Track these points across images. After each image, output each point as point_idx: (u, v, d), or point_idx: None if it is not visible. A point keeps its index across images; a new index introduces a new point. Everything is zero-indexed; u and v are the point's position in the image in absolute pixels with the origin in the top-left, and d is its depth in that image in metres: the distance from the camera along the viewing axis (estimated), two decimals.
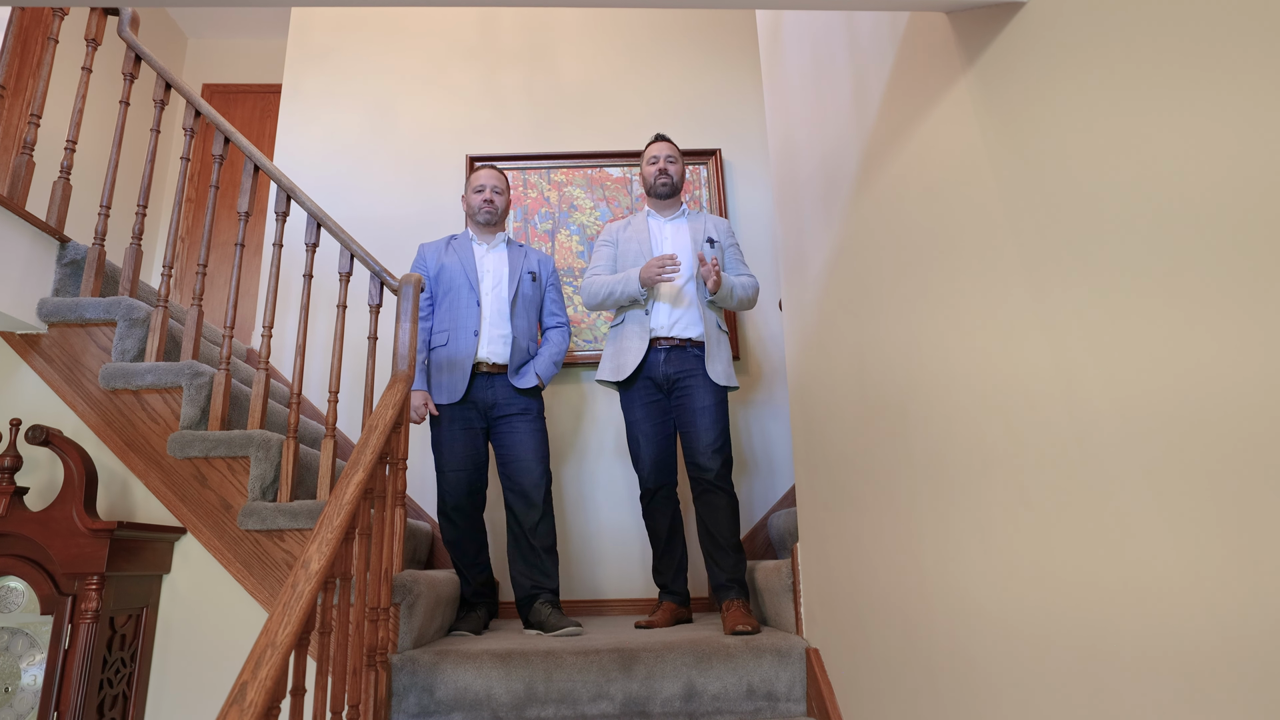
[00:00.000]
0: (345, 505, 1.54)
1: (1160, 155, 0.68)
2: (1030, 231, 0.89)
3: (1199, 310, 0.64)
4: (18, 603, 1.82)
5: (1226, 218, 0.61)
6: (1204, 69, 0.63)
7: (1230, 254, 0.60)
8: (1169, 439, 0.67)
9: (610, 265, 2.60)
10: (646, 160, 2.61)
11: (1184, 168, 0.65)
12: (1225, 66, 0.61)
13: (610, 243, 2.63)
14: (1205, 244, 0.63)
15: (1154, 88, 0.69)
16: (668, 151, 2.59)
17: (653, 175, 2.58)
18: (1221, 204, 0.61)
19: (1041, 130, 0.87)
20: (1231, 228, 0.60)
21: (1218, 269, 0.62)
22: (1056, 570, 0.84)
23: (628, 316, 2.50)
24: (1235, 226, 0.60)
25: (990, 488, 0.99)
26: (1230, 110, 0.60)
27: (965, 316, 1.06)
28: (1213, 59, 0.62)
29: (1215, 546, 0.62)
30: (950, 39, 1.11)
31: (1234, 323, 0.60)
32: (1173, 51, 0.66)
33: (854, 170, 1.53)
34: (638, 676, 1.85)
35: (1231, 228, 0.60)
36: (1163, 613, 0.68)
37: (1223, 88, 0.61)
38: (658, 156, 2.58)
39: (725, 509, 2.32)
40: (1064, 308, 0.83)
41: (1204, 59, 0.63)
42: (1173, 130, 0.66)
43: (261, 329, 2.31)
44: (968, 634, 1.06)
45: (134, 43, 2.42)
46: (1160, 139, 0.68)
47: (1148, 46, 0.69)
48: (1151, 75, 0.69)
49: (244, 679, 1.14)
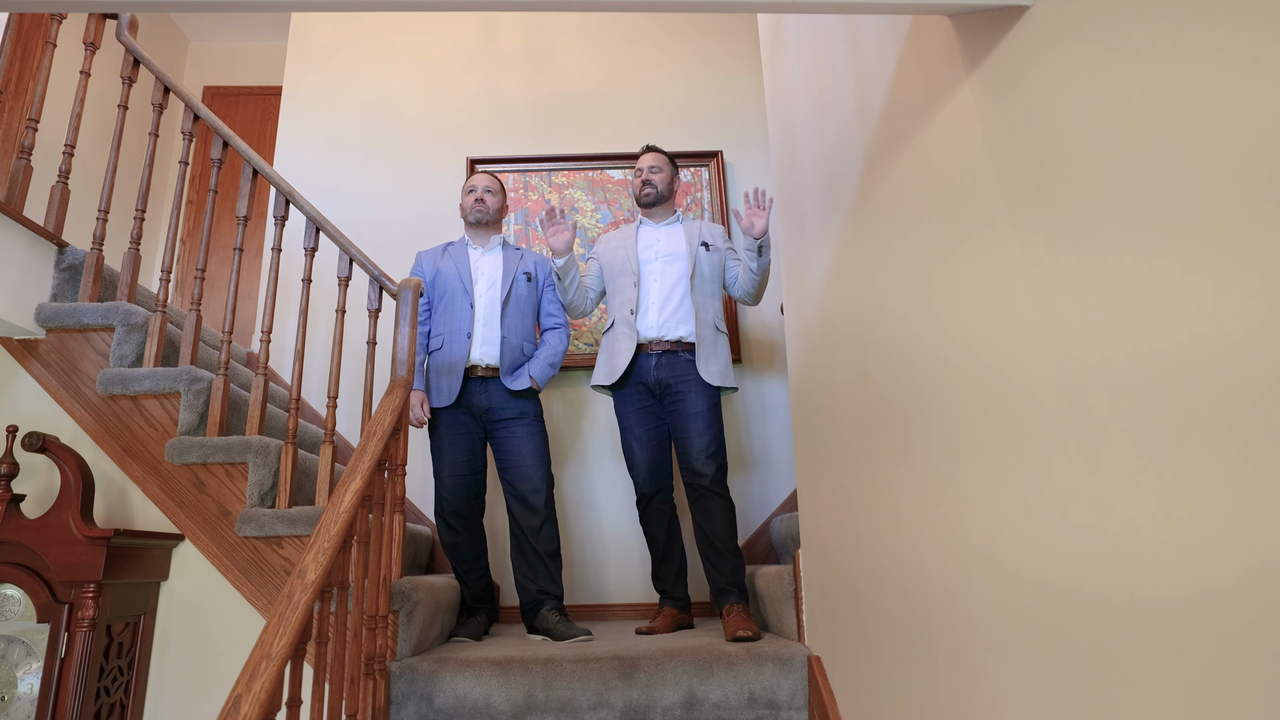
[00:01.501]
0: (343, 513, 1.53)
1: (1173, 158, 0.66)
2: (1037, 237, 0.87)
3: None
4: (14, 611, 1.81)
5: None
6: (1215, 70, 0.61)
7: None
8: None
9: (595, 276, 2.64)
10: (634, 173, 2.68)
11: (1197, 169, 0.63)
12: (1236, 65, 0.59)
13: (595, 256, 2.68)
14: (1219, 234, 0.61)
15: (1164, 92, 0.67)
16: (651, 162, 2.63)
17: (637, 187, 2.63)
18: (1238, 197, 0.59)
19: (1047, 136, 0.85)
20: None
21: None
22: (1064, 580, 0.83)
23: (616, 320, 2.51)
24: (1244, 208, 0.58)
25: (994, 496, 0.97)
26: (1242, 102, 0.59)
27: (970, 324, 1.04)
28: (1224, 59, 0.60)
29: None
30: (954, 43, 1.09)
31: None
32: (1184, 56, 0.65)
33: (856, 174, 1.51)
34: (638, 685, 1.84)
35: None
36: (1175, 628, 0.67)
37: (1236, 84, 0.59)
38: (641, 168, 2.64)
39: (721, 514, 2.31)
40: (1071, 314, 0.81)
41: (1216, 60, 0.61)
42: (1185, 133, 0.65)
43: (260, 333, 2.30)
44: (972, 643, 1.04)
45: (132, 46, 2.41)
46: (1171, 142, 0.66)
47: (1157, 50, 0.68)
48: (1162, 79, 0.67)
49: (238, 691, 1.13)
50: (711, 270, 2.52)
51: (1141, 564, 0.71)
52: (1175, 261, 0.66)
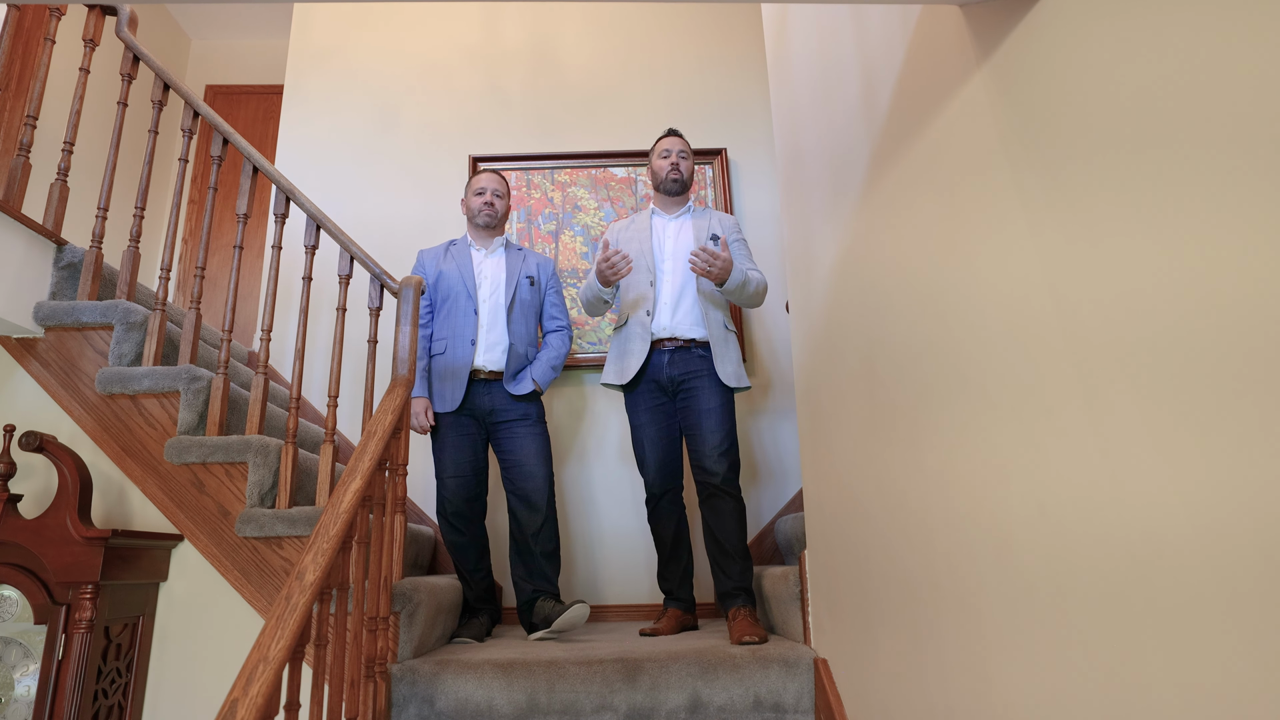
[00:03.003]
0: (342, 514, 1.51)
1: (1194, 146, 0.64)
2: (1052, 231, 0.85)
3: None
4: (11, 612, 1.79)
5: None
6: (1236, 56, 0.59)
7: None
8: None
9: None
10: (658, 154, 2.52)
11: (1219, 157, 0.61)
12: (1262, 53, 0.57)
13: (610, 244, 2.57)
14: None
15: (1184, 78, 0.64)
16: (680, 146, 2.50)
17: (665, 170, 2.49)
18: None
19: (1063, 126, 0.83)
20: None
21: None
22: (1080, 580, 0.80)
23: (630, 319, 2.46)
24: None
25: (1006, 494, 0.95)
26: (1262, 88, 0.56)
27: (983, 319, 1.02)
28: (1245, 48, 0.58)
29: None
30: (964, 32, 1.07)
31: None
32: (1205, 44, 0.62)
33: (863, 169, 1.49)
34: (642, 687, 1.81)
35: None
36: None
37: (1259, 74, 0.57)
38: (670, 150, 2.50)
39: (732, 514, 2.27)
40: (1089, 311, 0.78)
41: (1236, 47, 0.59)
42: (1206, 122, 0.62)
43: (260, 332, 2.28)
44: (983, 646, 1.02)
45: (132, 43, 2.39)
46: (1192, 131, 0.64)
47: (1178, 35, 0.65)
48: (1181, 67, 0.65)
49: (234, 696, 1.11)
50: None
51: (1161, 559, 0.68)
52: (1195, 252, 0.63)
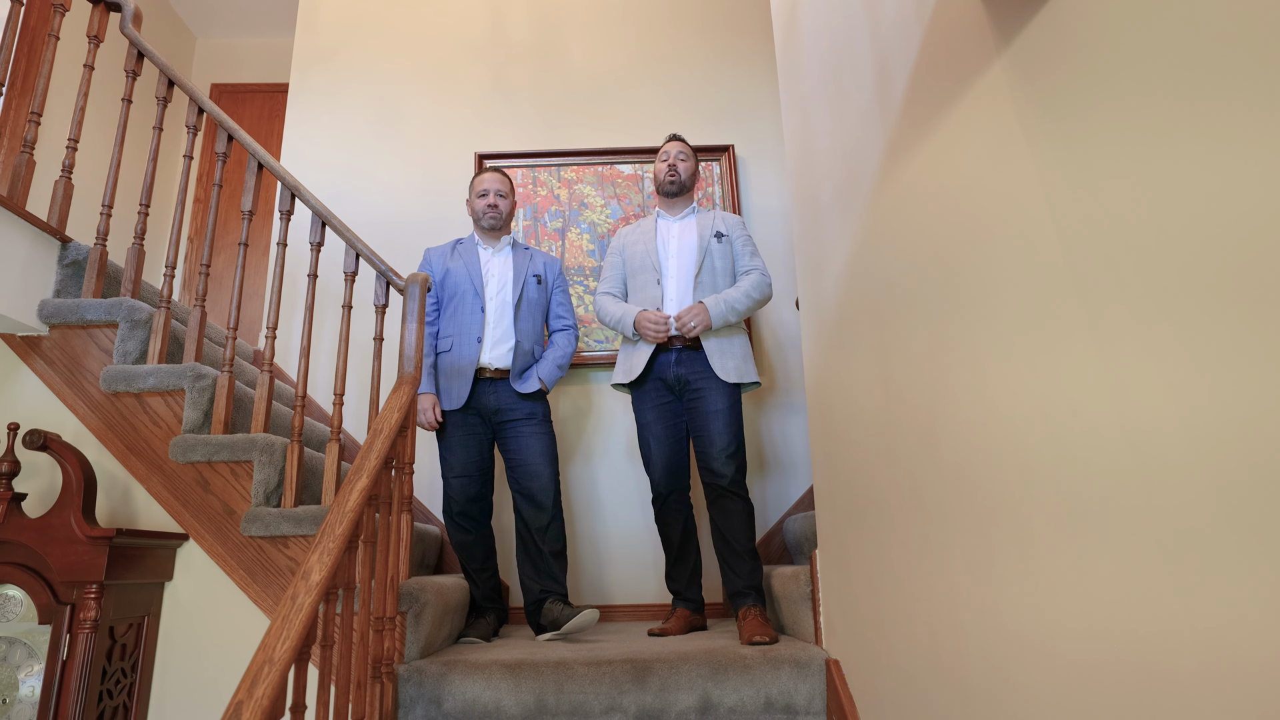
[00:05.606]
0: (348, 513, 1.49)
1: (1225, 141, 0.61)
2: (1076, 223, 0.82)
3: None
4: (15, 612, 1.78)
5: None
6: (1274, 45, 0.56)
7: None
8: (1238, 460, 0.60)
9: (619, 277, 2.59)
10: (658, 158, 2.61)
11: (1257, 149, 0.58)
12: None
13: (618, 250, 2.62)
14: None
15: (1215, 64, 0.62)
16: (678, 149, 2.57)
17: (663, 172, 2.56)
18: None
19: (1089, 115, 0.80)
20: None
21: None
22: (1106, 593, 0.77)
23: None
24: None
25: (1031, 499, 0.92)
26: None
27: (1002, 319, 0.99)
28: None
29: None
30: (983, 19, 1.04)
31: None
32: (1237, 32, 0.59)
33: (876, 162, 1.46)
34: (651, 688, 1.79)
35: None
36: (1228, 651, 0.61)
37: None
38: (668, 153, 2.57)
39: (740, 515, 2.26)
40: (1117, 316, 0.76)
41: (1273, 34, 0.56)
42: (1239, 112, 0.59)
43: (266, 330, 2.26)
44: (1005, 651, 0.99)
45: (136, 39, 2.38)
46: (1224, 124, 0.61)
47: (1208, 20, 0.62)
48: (1216, 64, 0.62)
49: (239, 698, 1.09)
50: (723, 263, 2.47)
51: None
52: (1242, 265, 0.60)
